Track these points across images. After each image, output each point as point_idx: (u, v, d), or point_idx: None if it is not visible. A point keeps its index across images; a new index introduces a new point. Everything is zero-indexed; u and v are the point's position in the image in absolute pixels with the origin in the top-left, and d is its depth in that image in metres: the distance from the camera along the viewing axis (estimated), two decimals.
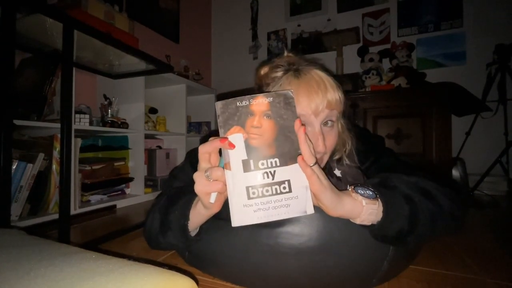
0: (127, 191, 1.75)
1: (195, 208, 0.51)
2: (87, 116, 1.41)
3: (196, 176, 0.46)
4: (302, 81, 0.56)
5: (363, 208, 0.47)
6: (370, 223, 0.48)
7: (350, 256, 0.54)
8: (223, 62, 3.07)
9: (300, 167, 0.43)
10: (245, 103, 0.44)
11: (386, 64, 2.09)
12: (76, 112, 1.37)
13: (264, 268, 0.56)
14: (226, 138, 0.43)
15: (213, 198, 0.45)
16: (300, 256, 0.53)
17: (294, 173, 0.44)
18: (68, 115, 0.90)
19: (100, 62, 1.42)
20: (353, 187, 0.49)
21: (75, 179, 1.31)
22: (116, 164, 1.66)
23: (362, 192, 0.48)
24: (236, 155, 0.44)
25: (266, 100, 0.44)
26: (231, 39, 3.02)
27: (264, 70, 0.63)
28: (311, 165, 0.43)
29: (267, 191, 0.44)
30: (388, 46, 2.17)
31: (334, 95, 0.55)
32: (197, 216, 0.51)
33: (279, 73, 0.59)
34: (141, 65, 1.42)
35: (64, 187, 0.88)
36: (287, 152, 0.44)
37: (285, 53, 0.64)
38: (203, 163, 0.45)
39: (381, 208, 0.48)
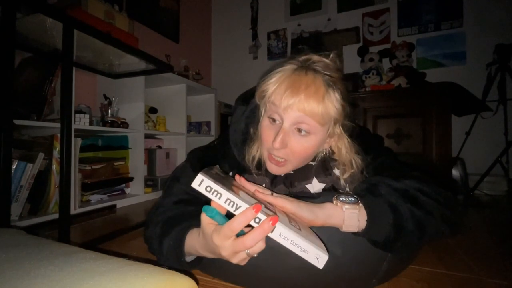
0: (127, 190, 1.75)
1: (190, 245, 0.50)
2: (87, 116, 1.41)
3: (231, 257, 0.42)
4: (292, 76, 0.56)
5: (344, 213, 0.48)
6: (356, 230, 0.49)
7: (350, 256, 0.54)
8: (223, 62, 3.07)
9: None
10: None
11: (386, 64, 2.09)
12: (76, 112, 1.37)
13: (264, 268, 0.56)
14: (250, 210, 0.39)
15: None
16: (300, 256, 0.53)
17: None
18: (68, 114, 0.90)
19: (100, 62, 1.41)
20: (336, 196, 0.50)
21: (75, 179, 1.31)
22: (116, 163, 1.66)
23: (344, 199, 0.50)
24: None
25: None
26: (231, 39, 3.02)
27: (290, 57, 0.63)
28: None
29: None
30: (388, 46, 2.17)
31: (315, 104, 0.53)
32: (196, 252, 0.51)
33: (289, 64, 0.59)
34: (141, 64, 1.42)
35: (64, 187, 0.88)
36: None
37: (331, 56, 0.61)
38: (228, 242, 0.41)
39: (364, 215, 0.49)
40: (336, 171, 0.65)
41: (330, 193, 0.60)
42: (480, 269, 0.74)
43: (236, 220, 0.39)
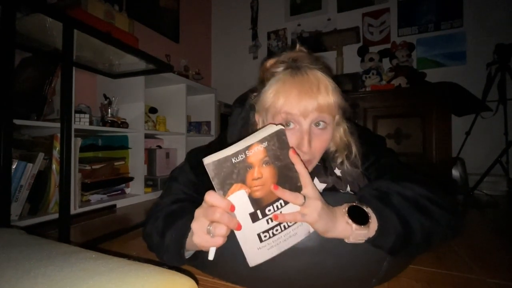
0: (127, 190, 1.75)
1: (191, 238, 0.50)
2: (87, 115, 1.41)
3: (196, 228, 0.45)
4: (296, 80, 0.55)
5: (352, 232, 0.48)
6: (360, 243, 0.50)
7: (350, 256, 0.54)
8: (223, 62, 3.07)
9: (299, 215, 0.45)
10: (241, 157, 0.41)
11: (386, 64, 2.09)
12: (76, 112, 1.37)
13: (263, 269, 0.56)
14: (228, 201, 0.41)
15: (211, 254, 0.44)
16: (299, 257, 0.53)
17: (296, 207, 0.45)
18: (68, 114, 0.90)
19: (100, 62, 1.41)
20: (347, 208, 0.49)
21: (75, 178, 1.31)
22: (116, 163, 1.66)
23: (355, 218, 0.48)
24: (243, 211, 0.43)
25: (262, 147, 0.42)
26: (231, 39, 3.02)
27: (269, 63, 0.62)
28: (301, 203, 0.44)
29: (276, 230, 0.46)
30: (388, 46, 2.17)
31: (327, 99, 0.55)
32: (194, 247, 0.51)
33: (279, 69, 0.59)
34: (141, 64, 1.42)
35: (64, 187, 0.88)
36: (288, 190, 0.44)
37: (297, 47, 0.63)
38: (203, 218, 0.44)
39: (373, 226, 0.48)
40: (337, 171, 0.65)
41: (331, 193, 0.60)
42: (480, 269, 0.74)
43: (213, 195, 0.41)
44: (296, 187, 0.46)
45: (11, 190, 0.91)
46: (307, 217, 0.45)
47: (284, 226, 0.46)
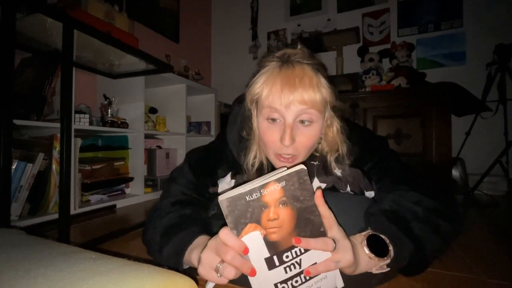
0: (127, 191, 1.75)
1: (189, 255, 0.50)
2: (87, 116, 1.41)
3: (205, 260, 0.42)
4: (282, 73, 0.56)
5: (375, 265, 0.48)
6: None
7: None
8: (223, 62, 3.07)
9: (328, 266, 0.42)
10: (256, 195, 0.39)
11: (386, 64, 2.09)
12: (76, 112, 1.37)
13: None
14: (242, 242, 0.39)
15: (210, 287, 0.43)
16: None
17: (320, 253, 0.42)
18: (68, 115, 0.90)
19: (100, 62, 1.41)
20: (365, 241, 0.48)
21: (75, 179, 1.31)
22: (116, 164, 1.66)
23: (374, 248, 0.48)
24: (257, 255, 0.40)
25: (279, 186, 0.39)
26: (231, 39, 3.02)
27: (264, 56, 0.63)
28: (332, 249, 0.41)
29: (296, 281, 0.42)
30: (388, 46, 2.17)
31: (313, 94, 0.54)
32: (190, 263, 0.51)
33: (270, 62, 0.59)
34: (141, 65, 1.42)
35: (64, 187, 0.88)
36: (309, 235, 0.41)
37: (298, 46, 0.62)
38: (215, 254, 0.42)
39: (391, 253, 0.48)
40: (338, 172, 0.64)
41: (331, 193, 0.60)
42: (480, 269, 0.74)
43: (226, 234, 0.39)
44: (319, 232, 0.42)
45: (11, 190, 0.91)
46: (342, 263, 0.42)
47: (305, 277, 0.42)
